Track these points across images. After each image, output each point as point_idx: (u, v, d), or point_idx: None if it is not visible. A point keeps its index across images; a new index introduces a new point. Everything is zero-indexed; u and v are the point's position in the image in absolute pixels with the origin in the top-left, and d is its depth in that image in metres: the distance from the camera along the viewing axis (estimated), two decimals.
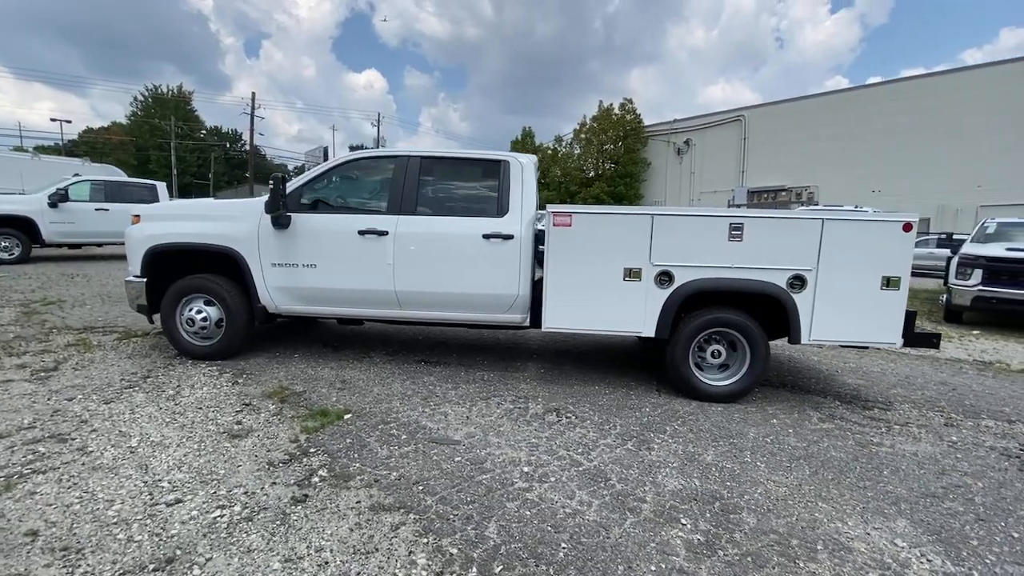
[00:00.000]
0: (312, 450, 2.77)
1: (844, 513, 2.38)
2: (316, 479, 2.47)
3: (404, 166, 4.13)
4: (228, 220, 4.15)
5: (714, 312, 3.77)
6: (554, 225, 3.72)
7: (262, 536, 2.02)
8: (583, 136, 31.00)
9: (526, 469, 2.65)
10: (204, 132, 50.65)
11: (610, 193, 28.55)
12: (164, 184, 11.60)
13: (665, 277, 3.70)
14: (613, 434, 3.16)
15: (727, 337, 3.88)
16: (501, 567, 1.89)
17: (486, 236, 3.94)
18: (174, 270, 4.30)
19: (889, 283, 3.61)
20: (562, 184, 29.78)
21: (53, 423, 2.97)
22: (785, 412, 3.73)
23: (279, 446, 2.81)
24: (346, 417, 3.23)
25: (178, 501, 2.24)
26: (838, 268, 3.60)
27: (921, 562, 2.04)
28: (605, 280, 3.75)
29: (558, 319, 3.82)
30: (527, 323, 4.17)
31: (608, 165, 30.23)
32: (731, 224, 3.64)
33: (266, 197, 4.13)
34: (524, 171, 4.09)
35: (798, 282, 3.64)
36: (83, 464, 2.53)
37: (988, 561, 2.07)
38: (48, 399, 3.33)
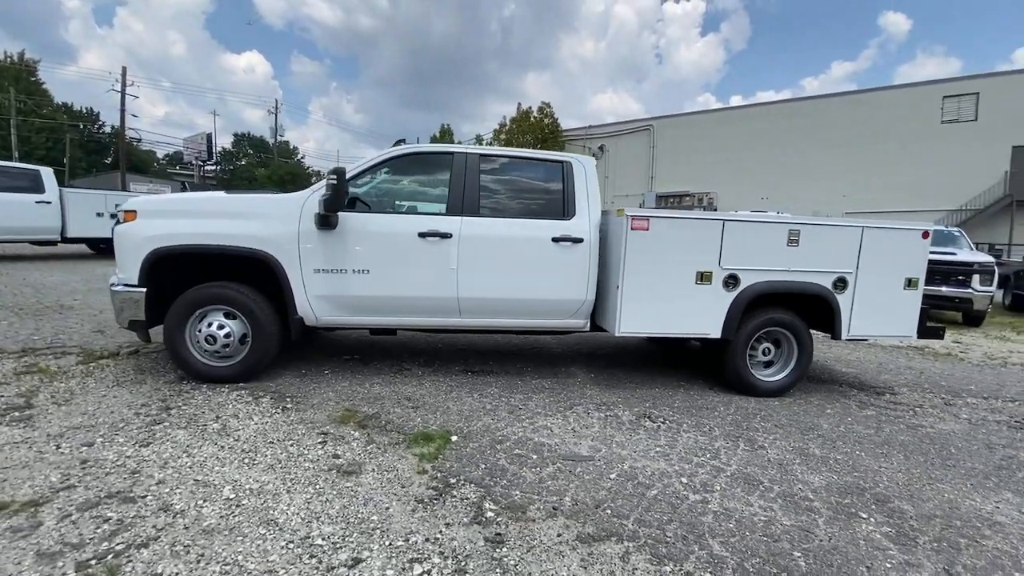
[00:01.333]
0: (452, 480, 2.46)
1: (963, 492, 2.67)
2: (489, 513, 2.20)
3: (463, 163, 3.84)
4: (260, 219, 3.54)
5: (769, 312, 4.01)
6: (632, 229, 3.70)
7: None
8: (503, 137, 31.23)
9: (683, 479, 2.61)
10: (49, 109, 42.65)
11: None
12: (51, 170, 9.60)
13: (732, 280, 3.86)
14: (718, 436, 3.22)
15: (772, 336, 4.14)
16: None
17: (555, 239, 3.80)
18: (178, 278, 3.59)
19: (910, 283, 4.12)
20: None
21: (95, 478, 2.31)
22: (826, 402, 4.08)
23: (409, 479, 2.46)
24: (454, 439, 2.92)
25: (357, 561, 1.86)
26: (872, 271, 4.03)
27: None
28: (678, 284, 3.81)
29: (633, 324, 3.80)
30: (587, 328, 4.10)
31: None
32: (790, 231, 3.90)
33: (306, 193, 3.61)
34: (587, 172, 4.01)
35: (841, 283, 4.01)
36: (186, 528, 2.00)
37: None
38: (57, 447, 2.58)
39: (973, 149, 21.52)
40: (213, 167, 46.23)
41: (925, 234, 4.09)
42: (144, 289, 3.42)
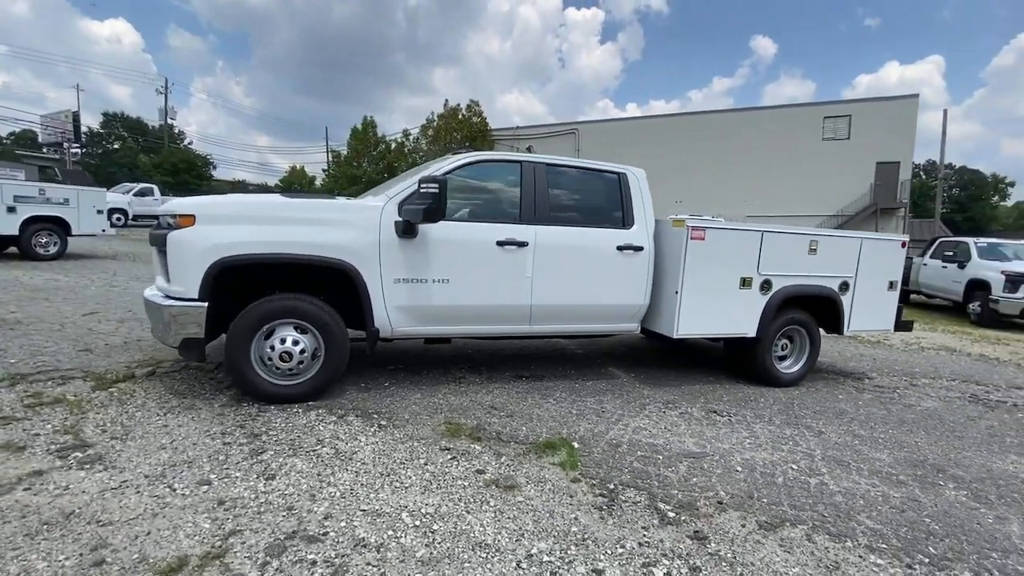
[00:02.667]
0: (611, 486, 2.56)
1: (985, 457, 3.29)
2: (671, 514, 2.34)
3: (532, 172, 3.88)
4: (339, 226, 3.30)
5: (790, 313, 4.53)
6: (691, 239, 3.99)
7: None
8: (431, 133, 30.70)
9: (792, 466, 2.93)
10: None
11: None
12: None
13: (767, 285, 4.32)
14: (780, 424, 3.62)
15: (787, 333, 4.69)
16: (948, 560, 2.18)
17: (619, 248, 3.99)
18: (232, 292, 3.25)
19: (892, 285, 4.88)
20: None
21: (253, 519, 2.09)
22: (829, 388, 4.71)
23: (569, 488, 2.51)
24: (576, 446, 2.99)
25: (599, 572, 1.91)
26: (867, 275, 4.72)
27: None
28: (726, 288, 4.19)
29: (689, 326, 4.10)
30: (638, 331, 4.35)
31: None
32: (811, 241, 4.44)
33: (382, 199, 3.45)
34: (641, 184, 4.24)
35: (845, 287, 4.65)
36: (402, 561, 1.90)
37: None
38: (172, 489, 2.27)
39: (847, 163, 25.20)
40: (78, 150, 39.73)
41: (903, 244, 4.88)
42: (206, 304, 3.05)
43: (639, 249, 4.04)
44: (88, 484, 2.25)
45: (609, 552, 2.03)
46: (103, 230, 10.22)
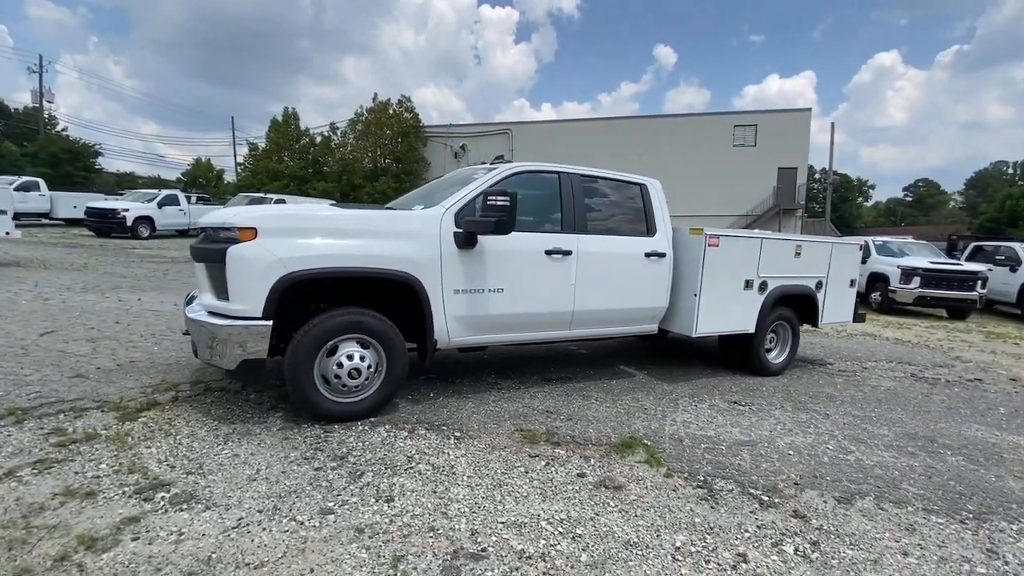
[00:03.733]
0: (702, 478, 2.79)
1: (956, 426, 3.96)
2: (764, 498, 2.61)
3: (570, 183, 4.03)
4: (402, 238, 3.22)
5: (779, 310, 5.08)
6: (709, 246, 4.35)
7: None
8: (359, 127, 29.52)
9: (827, 447, 3.36)
10: None
11: (397, 190, 28.17)
12: None
13: (764, 285, 4.81)
14: (793, 410, 4.08)
15: (773, 328, 5.25)
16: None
17: (647, 254, 4.26)
18: (294, 306, 3.08)
19: (852, 283, 5.63)
20: (342, 176, 27.75)
21: (404, 543, 2.05)
22: (808, 375, 5.35)
23: (668, 484, 2.71)
24: (646, 443, 3.20)
25: (744, 557, 2.12)
26: (835, 275, 5.40)
27: (1018, 437, 3.71)
28: (734, 290, 4.61)
29: (706, 325, 4.47)
30: (656, 331, 4.66)
31: (386, 160, 29.68)
32: (797, 246, 5.01)
33: (440, 209, 3.43)
34: (659, 194, 4.54)
35: (819, 285, 5.29)
36: (572, 567, 1.99)
37: None
38: (297, 521, 2.15)
39: (754, 168, 27.88)
40: None
41: (861, 247, 5.64)
42: (271, 322, 2.86)
43: (662, 255, 4.34)
44: (203, 526, 2.08)
45: (739, 537, 2.26)
46: (7, 232, 8.80)
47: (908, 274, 11.07)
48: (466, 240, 3.37)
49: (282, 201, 16.88)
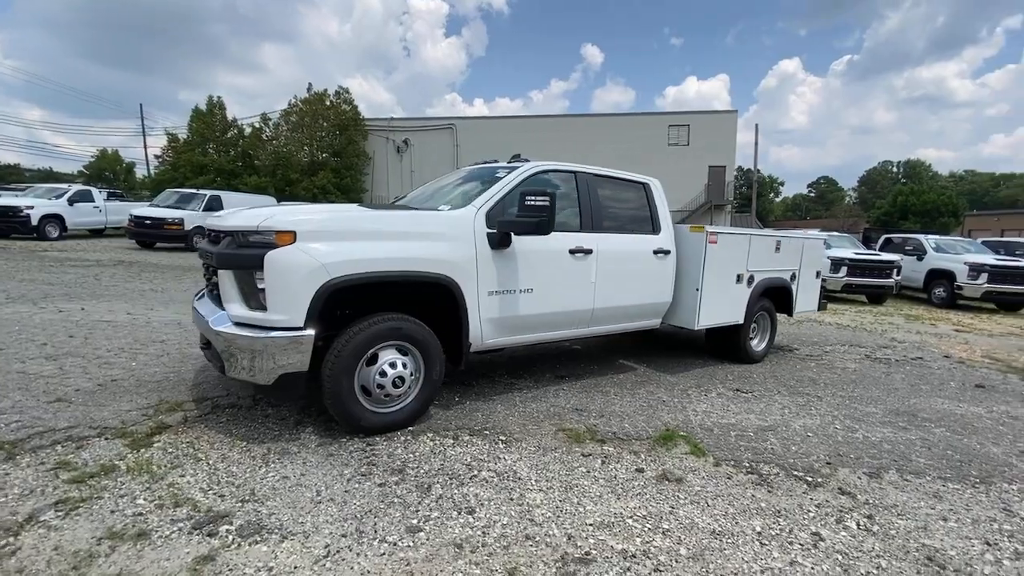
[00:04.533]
0: (747, 465, 2.94)
1: (926, 401, 4.43)
2: (808, 478, 2.81)
3: (586, 182, 4.08)
4: (439, 239, 3.11)
5: (762, 301, 5.44)
6: (709, 243, 4.57)
7: None
8: (293, 118, 27.91)
9: (835, 426, 3.65)
10: None
11: (337, 185, 26.99)
12: None
13: (751, 279, 5.12)
14: (790, 394, 4.40)
15: (755, 319, 5.62)
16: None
17: (655, 252, 4.40)
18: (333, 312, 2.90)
19: (818, 275, 6.13)
20: (277, 170, 26.13)
21: (504, 554, 2.01)
22: (783, 360, 5.78)
23: (722, 472, 2.84)
24: (682, 434, 3.32)
25: (816, 535, 2.28)
26: (806, 268, 5.86)
27: (977, 407, 4.22)
28: (728, 284, 4.88)
29: (706, 318, 4.70)
30: (659, 325, 4.83)
31: (323, 155, 28.31)
32: (777, 242, 5.38)
33: (471, 209, 3.35)
34: (660, 192, 4.69)
35: (793, 277, 5.72)
36: (676, 559, 2.04)
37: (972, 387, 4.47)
38: (390, 543, 2.04)
39: (688, 166, 29.43)
40: None
41: (824, 242, 6.15)
42: (313, 332, 2.67)
43: (668, 253, 4.50)
44: (289, 558, 1.91)
45: (805, 517, 2.42)
46: None
47: (837, 264, 12.19)
48: (500, 240, 3.32)
49: (217, 197, 15.65)
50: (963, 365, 6.00)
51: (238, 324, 2.69)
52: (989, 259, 12.18)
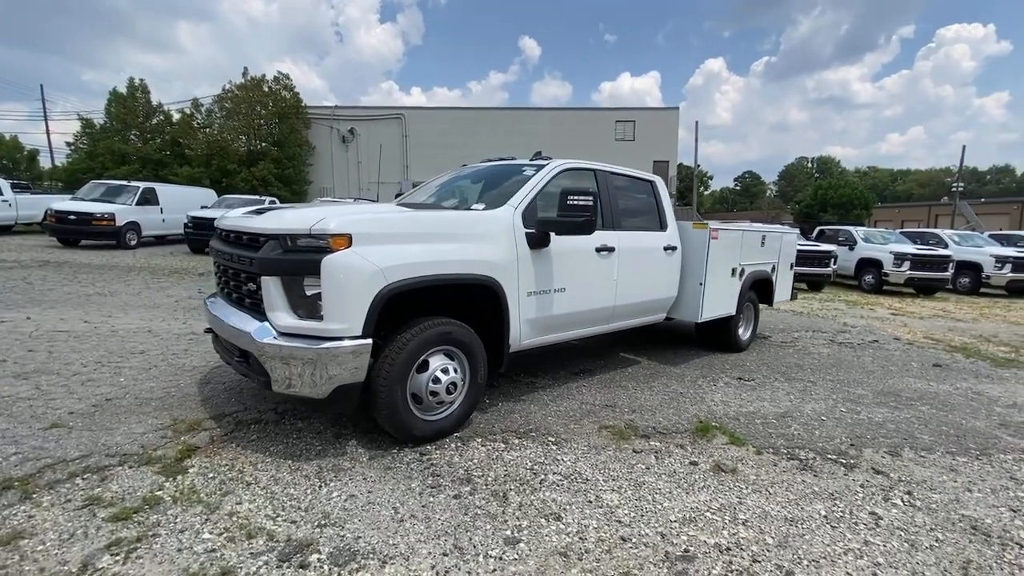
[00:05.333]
0: (785, 451, 3.11)
1: (902, 382, 4.87)
2: (843, 461, 3.01)
3: (605, 180, 4.11)
4: (485, 240, 3.01)
5: (749, 293, 5.74)
6: (712, 239, 4.75)
7: None
8: (228, 105, 26.00)
9: (840, 409, 3.93)
10: None
11: (279, 176, 25.49)
12: None
13: (742, 272, 5.39)
14: (786, 381, 4.69)
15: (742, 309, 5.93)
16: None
17: (665, 248, 4.52)
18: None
19: (791, 267, 6.55)
20: (212, 160, 24.25)
21: (602, 560, 2.01)
22: (764, 348, 6.14)
23: (764, 461, 2.98)
24: (715, 425, 3.44)
25: (873, 514, 2.45)
26: (782, 260, 6.24)
27: (944, 385, 4.70)
28: (724, 277, 5.10)
29: (708, 311, 4.89)
30: (663, 320, 4.98)
31: (263, 144, 26.63)
32: (763, 236, 5.68)
33: (508, 209, 3.29)
34: (664, 189, 4.81)
35: (772, 270, 6.08)
36: (767, 548, 2.13)
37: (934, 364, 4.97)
38: (496, 558, 1.98)
39: (634, 161, 30.21)
40: None
41: (797, 235, 6.57)
42: (371, 341, 2.52)
43: (675, 249, 4.64)
44: None
45: (857, 497, 2.59)
46: None
47: None
48: (539, 240, 3.29)
49: (151, 190, 14.33)
50: (913, 346, 6.64)
51: (284, 335, 2.49)
52: (911, 248, 13.51)
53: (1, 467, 2.39)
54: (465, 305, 3.12)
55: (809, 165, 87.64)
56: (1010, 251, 14.05)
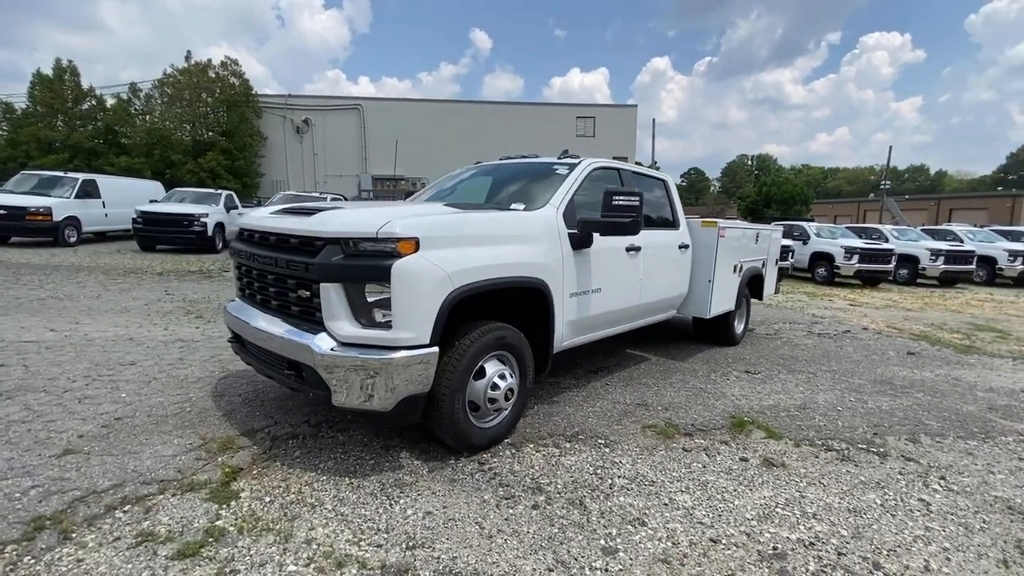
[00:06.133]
0: (820, 443, 3.24)
1: (888, 370, 5.20)
2: (873, 451, 3.17)
3: (629, 179, 4.11)
4: (535, 242, 2.94)
5: (745, 289, 5.95)
6: (720, 236, 4.87)
7: None
8: (169, 91, 24.21)
9: (850, 399, 4.14)
10: None
11: (228, 168, 24.04)
12: None
13: (740, 268, 5.58)
14: (790, 374, 4.90)
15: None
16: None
17: (680, 247, 4.60)
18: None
19: (776, 262, 6.84)
20: (154, 150, 22.52)
21: (698, 567, 2.02)
22: (757, 342, 6.41)
23: (804, 453, 3.09)
24: (747, 420, 3.54)
25: (922, 501, 2.60)
26: (771, 256, 6.52)
27: (924, 372, 5.06)
28: (728, 274, 5.25)
29: (716, 307, 5.03)
30: (674, 316, 5.08)
31: (208, 134, 25.02)
32: (758, 233, 5.90)
33: (550, 209, 3.24)
34: (675, 188, 4.89)
35: (763, 266, 6.33)
36: (846, 540, 2.21)
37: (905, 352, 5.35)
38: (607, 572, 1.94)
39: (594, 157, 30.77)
40: None
41: (782, 233, 6.88)
42: (437, 349, 2.40)
43: (687, 247, 4.73)
44: None
45: (900, 485, 2.74)
46: None
47: None
48: (581, 241, 3.25)
49: (92, 182, 13.15)
50: (882, 336, 7.11)
51: (345, 345, 2.33)
52: (859, 243, 14.48)
53: (24, 504, 2.11)
54: (513, 308, 3.04)
55: (749, 162, 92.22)
56: (942, 245, 15.35)
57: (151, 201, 13.23)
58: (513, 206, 3.32)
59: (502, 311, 3.00)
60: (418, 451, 2.81)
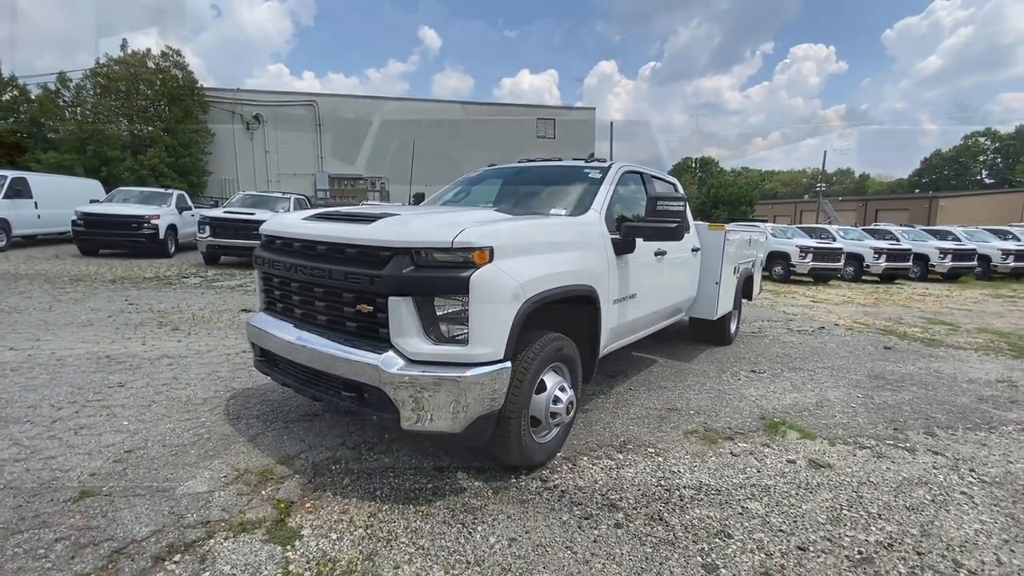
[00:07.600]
0: (851, 441, 3.34)
1: (873, 363, 5.49)
2: (900, 446, 3.31)
3: (651, 182, 4.10)
4: (584, 248, 2.86)
5: (739, 290, 6.12)
6: (726, 240, 4.97)
7: None
8: (102, 82, 22.29)
9: (858, 395, 4.32)
10: None
11: (172, 165, 22.43)
12: None
13: (738, 270, 5.73)
14: (791, 370, 5.07)
15: None
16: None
17: (692, 250, 4.65)
18: None
19: (762, 262, 7.09)
20: (87, 145, 20.65)
21: (856, 565, 2.01)
22: (748, 340, 6.61)
23: (843, 452, 3.18)
24: (776, 421, 3.61)
25: (965, 493, 2.72)
26: (757, 259, 6.74)
27: (907, 366, 5.38)
28: (730, 275, 5.38)
29: (722, 308, 5.13)
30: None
31: (148, 128, 23.26)
32: (751, 237, 6.08)
33: (593, 214, 3.17)
34: (683, 191, 4.94)
35: (753, 267, 6.55)
36: (920, 538, 2.27)
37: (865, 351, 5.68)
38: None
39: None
40: None
41: (766, 236, 7.13)
42: (510, 364, 2.27)
43: (698, 250, 4.80)
44: None
45: (939, 479, 2.86)
46: None
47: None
48: (624, 246, 3.20)
49: (22, 180, 11.87)
50: (854, 332, 7.52)
51: (415, 363, 2.15)
52: (812, 243, 15.34)
53: (54, 562, 1.80)
54: (563, 317, 2.95)
55: (694, 165, 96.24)
56: (884, 244, 16.54)
57: (92, 201, 12.11)
58: (553, 211, 3.22)
59: (553, 321, 2.89)
60: (473, 471, 2.66)
